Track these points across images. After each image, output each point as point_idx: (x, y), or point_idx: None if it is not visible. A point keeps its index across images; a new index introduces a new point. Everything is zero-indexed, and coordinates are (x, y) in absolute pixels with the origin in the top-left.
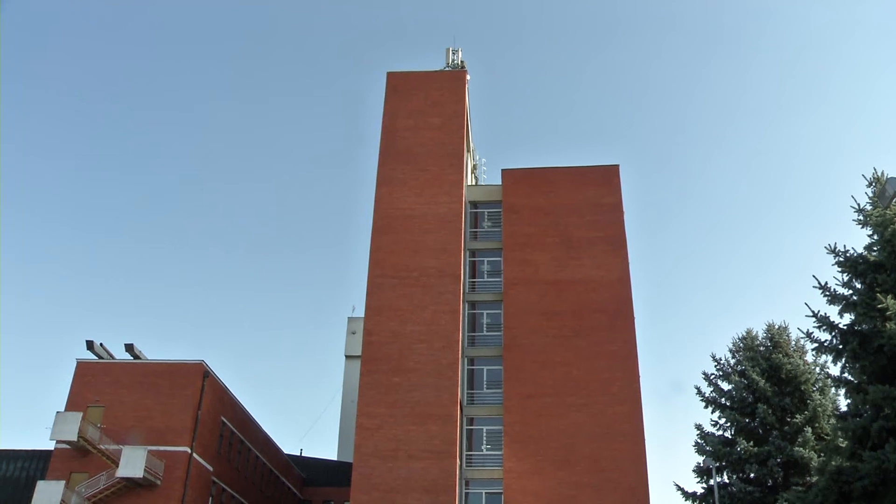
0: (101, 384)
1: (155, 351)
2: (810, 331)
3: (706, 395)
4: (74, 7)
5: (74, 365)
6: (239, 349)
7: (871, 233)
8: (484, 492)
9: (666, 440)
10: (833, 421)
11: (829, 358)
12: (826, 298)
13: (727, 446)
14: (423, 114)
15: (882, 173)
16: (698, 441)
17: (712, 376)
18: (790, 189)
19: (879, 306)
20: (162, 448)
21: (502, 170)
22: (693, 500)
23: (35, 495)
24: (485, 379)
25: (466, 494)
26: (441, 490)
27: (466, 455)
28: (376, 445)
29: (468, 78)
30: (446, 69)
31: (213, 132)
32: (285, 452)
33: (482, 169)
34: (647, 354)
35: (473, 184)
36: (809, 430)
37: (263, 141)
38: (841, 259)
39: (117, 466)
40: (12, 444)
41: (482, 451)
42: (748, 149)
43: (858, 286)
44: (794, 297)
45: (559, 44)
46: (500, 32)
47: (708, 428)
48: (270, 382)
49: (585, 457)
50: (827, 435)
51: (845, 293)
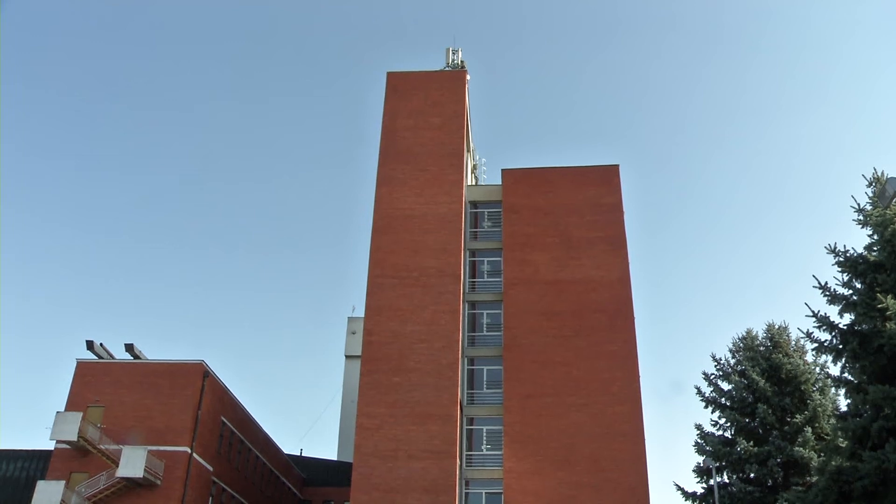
0: (101, 384)
1: (155, 351)
2: (810, 331)
3: (706, 395)
4: (74, 7)
5: (74, 365)
6: (239, 349)
7: (871, 233)
8: (484, 492)
9: (666, 440)
10: (833, 421)
11: (829, 358)
12: (826, 298)
13: (727, 446)
14: (423, 114)
15: (882, 173)
16: (698, 441)
17: (712, 376)
18: (790, 189)
19: (879, 306)
20: (162, 448)
21: (502, 170)
22: (693, 500)
23: (35, 495)
24: (485, 379)
25: (466, 494)
26: (441, 490)
27: (466, 455)
28: (376, 445)
29: (468, 78)
30: (446, 69)
31: (213, 132)
32: (285, 452)
33: (482, 169)
34: (647, 354)
35: (473, 184)
36: (809, 430)
37: (263, 141)
38: (841, 259)
39: (117, 466)
40: (12, 444)
41: (482, 451)
42: (748, 149)
43: (858, 286)
44: (794, 297)
45: (559, 44)
46: (500, 32)
47: (708, 428)
48: (270, 382)
49: (585, 457)
50: (827, 435)
51: (845, 293)
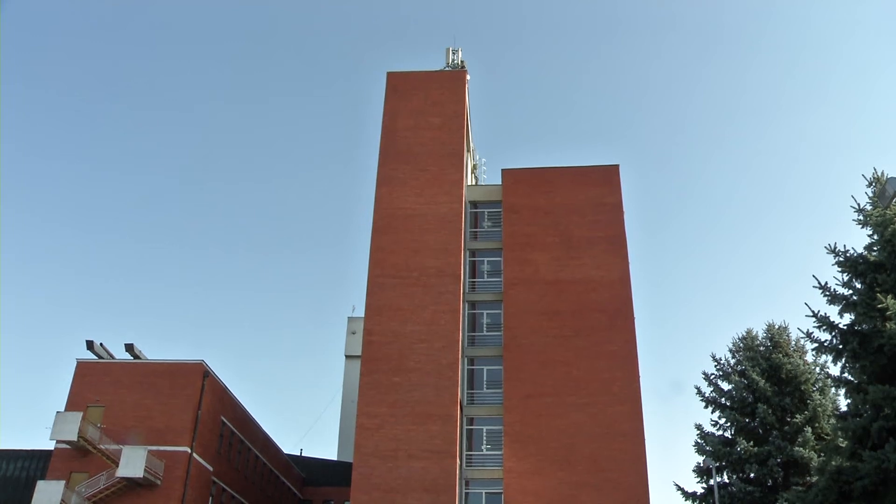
0: (101, 384)
1: (155, 351)
2: (810, 331)
3: (706, 395)
4: (74, 7)
5: (74, 365)
6: (239, 349)
7: (871, 233)
8: (484, 492)
9: (666, 440)
10: (833, 421)
11: (829, 358)
12: (826, 298)
13: (727, 446)
14: (424, 114)
15: (882, 173)
16: (698, 441)
17: (712, 376)
18: (790, 189)
19: (879, 306)
20: (162, 448)
21: (502, 170)
22: (693, 500)
23: (35, 495)
24: (485, 379)
25: (466, 494)
26: (441, 490)
27: (466, 455)
28: (376, 445)
29: (468, 78)
30: (446, 69)
31: (213, 132)
32: (285, 452)
33: (482, 169)
34: (647, 354)
35: (473, 184)
36: (809, 430)
37: (263, 141)
38: (841, 259)
39: (117, 466)
40: (12, 444)
41: (482, 450)
42: (748, 149)
43: (858, 286)
44: (794, 297)
45: (559, 44)
46: (500, 32)
47: (708, 428)
48: (270, 382)
49: (585, 457)
50: (827, 435)
51: (845, 293)
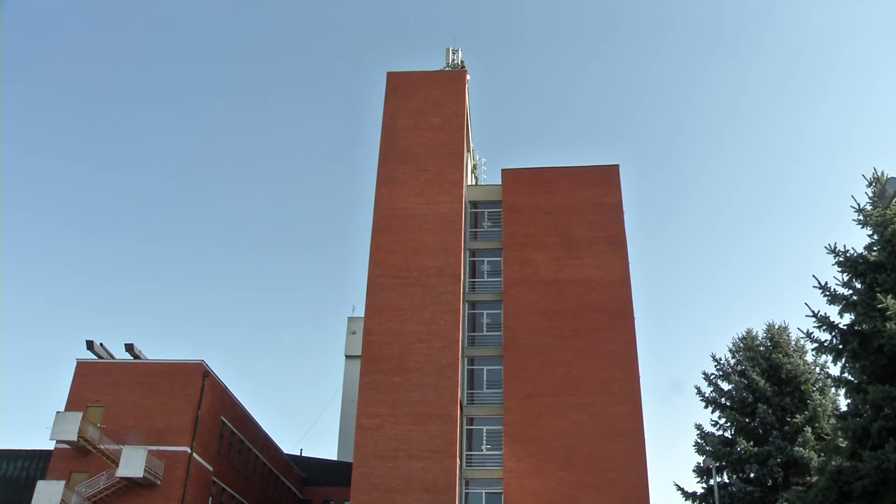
0: (101, 384)
1: (155, 351)
2: (810, 331)
3: (706, 395)
4: (74, 7)
5: (74, 365)
6: (239, 349)
7: (871, 233)
8: (484, 492)
9: (666, 440)
10: (833, 421)
11: (829, 358)
12: (826, 298)
13: (727, 446)
14: (424, 114)
15: (882, 173)
16: (698, 441)
17: (712, 376)
18: (790, 189)
19: (879, 306)
20: (162, 448)
21: (502, 170)
22: (693, 500)
23: (35, 495)
24: (485, 379)
25: (466, 494)
26: (441, 490)
27: (466, 455)
28: (376, 445)
29: (468, 78)
30: (446, 69)
31: (213, 132)
32: (285, 452)
33: (482, 169)
34: (647, 354)
35: (473, 184)
36: (809, 430)
37: (263, 141)
38: (841, 259)
39: (117, 466)
40: (12, 444)
41: (482, 451)
42: (748, 149)
43: (858, 286)
44: (794, 297)
45: (559, 44)
46: (500, 32)
47: (708, 428)
48: (270, 382)
49: (585, 457)
50: (827, 435)
51: (845, 293)
